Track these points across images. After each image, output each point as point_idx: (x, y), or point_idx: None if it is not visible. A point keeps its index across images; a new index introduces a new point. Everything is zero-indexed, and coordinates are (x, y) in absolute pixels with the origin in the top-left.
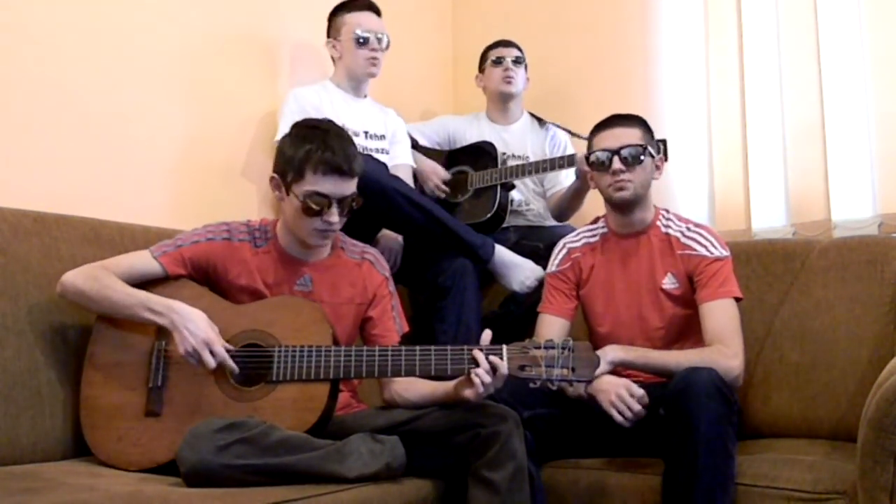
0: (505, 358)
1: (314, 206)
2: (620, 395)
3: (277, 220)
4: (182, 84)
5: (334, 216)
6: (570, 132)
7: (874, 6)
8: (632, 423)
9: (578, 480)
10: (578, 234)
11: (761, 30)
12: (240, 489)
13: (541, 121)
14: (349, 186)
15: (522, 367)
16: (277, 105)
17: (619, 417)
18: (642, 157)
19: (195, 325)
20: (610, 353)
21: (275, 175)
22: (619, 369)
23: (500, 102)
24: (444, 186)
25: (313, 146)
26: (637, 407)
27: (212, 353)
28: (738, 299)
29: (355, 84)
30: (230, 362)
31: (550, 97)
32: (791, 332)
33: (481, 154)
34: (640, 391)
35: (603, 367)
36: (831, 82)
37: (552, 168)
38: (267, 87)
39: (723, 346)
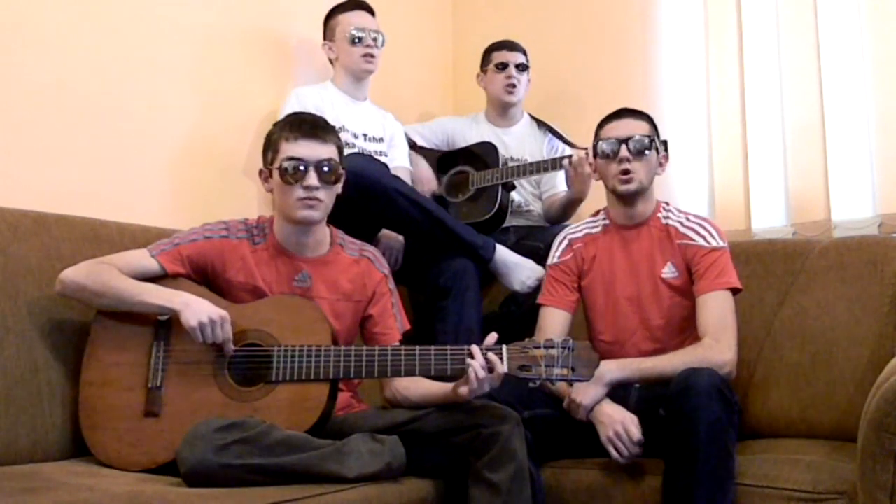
0: (505, 358)
1: (291, 173)
2: (618, 433)
3: (273, 216)
4: (183, 83)
5: (313, 180)
6: (568, 142)
7: (874, 6)
8: (627, 461)
9: (578, 480)
10: (580, 225)
11: (761, 30)
12: (240, 489)
13: (540, 123)
14: (323, 150)
15: (522, 367)
16: (278, 104)
17: (614, 454)
18: (649, 150)
19: (205, 304)
20: (606, 375)
21: (261, 168)
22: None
23: (501, 108)
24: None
25: (284, 122)
26: (635, 449)
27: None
28: (736, 290)
29: (355, 85)
30: (230, 345)
31: (550, 97)
32: (791, 332)
33: (482, 154)
34: (638, 435)
35: (599, 390)
36: (831, 82)
37: (553, 167)
38: (269, 86)
39: (713, 341)
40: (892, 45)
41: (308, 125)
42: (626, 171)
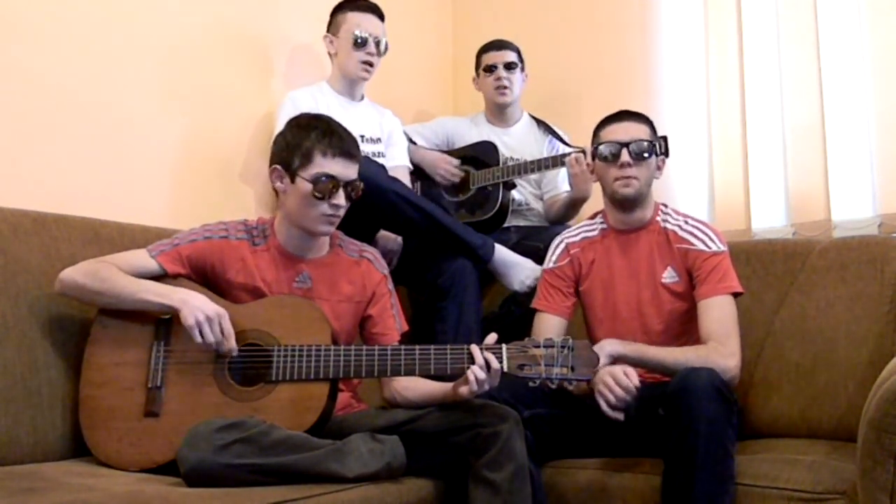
0: (504, 357)
1: (323, 189)
2: (607, 383)
3: (274, 217)
4: (180, 85)
5: (341, 199)
6: (567, 144)
7: (874, 6)
8: (617, 413)
9: (578, 480)
10: (577, 229)
11: (761, 30)
12: (240, 489)
13: (540, 124)
14: (353, 170)
15: (522, 366)
16: (274, 106)
17: (604, 406)
18: (650, 154)
19: (203, 300)
20: (607, 347)
21: (277, 166)
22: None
23: (497, 109)
24: (455, 171)
25: (320, 132)
26: (625, 395)
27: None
28: (737, 294)
29: (350, 85)
30: (233, 341)
31: (550, 98)
32: (791, 332)
33: (482, 153)
34: (628, 381)
35: (602, 360)
36: (831, 82)
37: (554, 165)
38: (264, 88)
39: (719, 345)
40: (892, 45)
41: (346, 143)
42: (626, 176)
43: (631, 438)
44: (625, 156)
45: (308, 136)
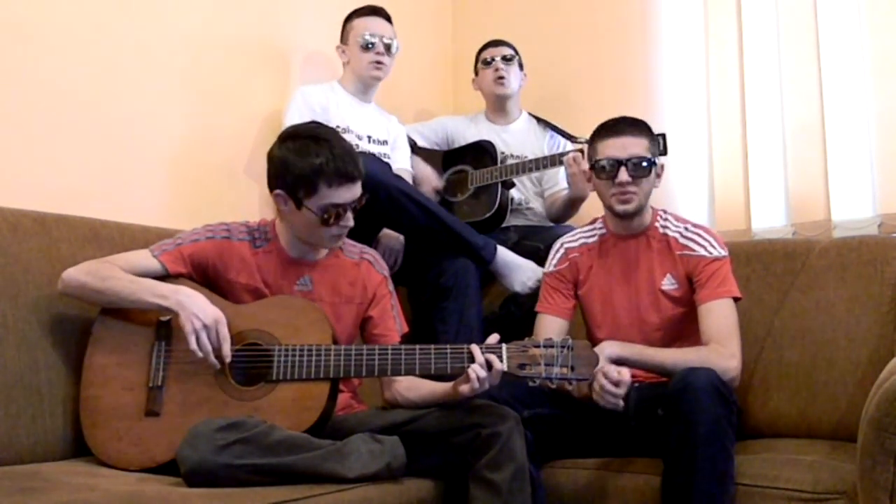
0: (504, 357)
1: (331, 215)
2: (599, 382)
3: (275, 219)
4: (183, 84)
5: (350, 220)
6: (570, 137)
7: (874, 6)
8: (615, 406)
9: (578, 480)
10: (576, 234)
11: (761, 30)
12: (240, 489)
13: (539, 121)
14: (359, 188)
15: (522, 366)
16: (280, 104)
17: (602, 403)
18: (648, 171)
19: (201, 305)
20: (607, 349)
21: (280, 191)
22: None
23: (496, 103)
24: (435, 193)
25: (322, 160)
26: (611, 387)
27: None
28: (737, 299)
29: (362, 88)
30: (227, 347)
31: (550, 98)
32: (791, 332)
33: (481, 153)
34: (618, 375)
35: (601, 363)
36: (831, 82)
37: (552, 164)
38: (269, 86)
39: (719, 346)
40: (892, 45)
41: (348, 166)
42: (625, 194)
43: (631, 438)
44: (623, 175)
45: (309, 163)
